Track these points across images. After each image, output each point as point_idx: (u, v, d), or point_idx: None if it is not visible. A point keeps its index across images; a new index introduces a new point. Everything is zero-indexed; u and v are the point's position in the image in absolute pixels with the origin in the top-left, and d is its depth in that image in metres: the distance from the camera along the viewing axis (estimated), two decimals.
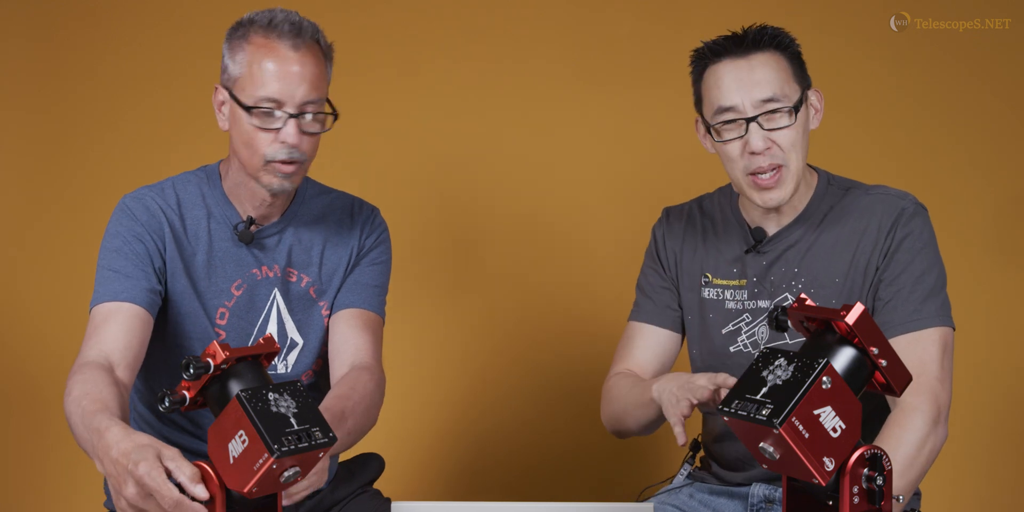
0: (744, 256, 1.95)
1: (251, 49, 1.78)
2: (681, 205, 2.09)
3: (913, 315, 1.81)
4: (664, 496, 2.05)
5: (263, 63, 1.77)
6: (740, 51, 1.84)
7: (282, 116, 1.77)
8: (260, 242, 1.92)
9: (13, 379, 2.89)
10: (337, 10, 2.87)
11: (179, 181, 1.93)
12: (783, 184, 1.85)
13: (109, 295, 1.79)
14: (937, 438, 1.77)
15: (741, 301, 1.94)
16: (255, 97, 1.77)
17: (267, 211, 1.91)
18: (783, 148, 1.83)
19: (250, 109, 1.77)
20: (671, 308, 2.05)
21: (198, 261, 1.88)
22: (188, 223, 1.89)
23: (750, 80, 1.83)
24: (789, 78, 1.85)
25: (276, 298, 1.92)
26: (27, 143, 2.93)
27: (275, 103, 1.77)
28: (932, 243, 1.86)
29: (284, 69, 1.76)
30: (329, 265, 1.96)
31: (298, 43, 1.77)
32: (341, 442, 1.72)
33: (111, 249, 1.84)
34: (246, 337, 1.90)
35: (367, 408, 1.81)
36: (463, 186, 2.93)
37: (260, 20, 1.80)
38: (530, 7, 2.90)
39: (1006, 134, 2.84)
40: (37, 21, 2.92)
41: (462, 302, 2.93)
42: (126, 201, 1.88)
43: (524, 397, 2.91)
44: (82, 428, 1.56)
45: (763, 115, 1.82)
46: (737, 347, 1.94)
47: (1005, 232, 2.83)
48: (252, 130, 1.79)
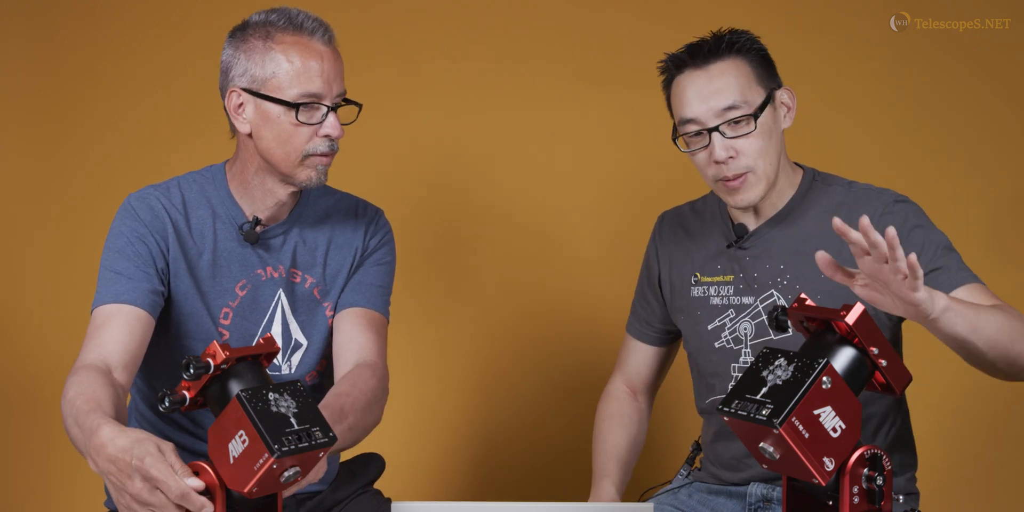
0: (727, 251, 1.96)
1: (282, 48, 1.80)
2: (676, 208, 2.12)
3: (967, 273, 1.77)
4: (663, 496, 2.05)
5: (304, 60, 1.80)
6: (699, 61, 1.86)
7: (322, 109, 1.81)
8: (265, 242, 1.92)
9: (14, 379, 2.89)
10: (337, 10, 2.86)
11: (184, 181, 1.93)
12: (751, 187, 1.86)
13: (110, 297, 1.79)
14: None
15: (727, 297, 1.96)
16: (298, 93, 1.80)
17: (278, 212, 1.92)
18: (747, 155, 1.84)
19: (297, 106, 1.80)
20: (650, 324, 2.12)
21: (203, 261, 1.88)
22: (193, 223, 1.89)
23: (709, 90, 1.85)
24: (751, 83, 1.86)
25: (280, 299, 1.92)
26: (27, 143, 2.93)
27: (316, 98, 1.81)
28: (927, 224, 1.84)
29: (323, 65, 1.81)
30: (333, 266, 1.96)
31: (328, 38, 1.84)
32: (342, 439, 1.71)
33: (114, 250, 1.84)
34: (250, 337, 1.90)
35: (368, 404, 1.80)
36: (463, 186, 2.93)
37: (278, 20, 1.82)
38: (530, 7, 2.90)
39: (1006, 134, 2.84)
40: (37, 21, 2.92)
41: (461, 301, 2.93)
42: (130, 200, 1.88)
43: (524, 397, 2.91)
44: (76, 428, 1.56)
45: (725, 124, 1.84)
46: (721, 343, 1.96)
47: (1005, 232, 2.83)
48: (291, 127, 1.81)
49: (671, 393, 2.59)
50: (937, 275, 1.78)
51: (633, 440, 2.10)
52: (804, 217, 1.91)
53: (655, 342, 2.13)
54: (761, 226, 1.94)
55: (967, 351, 1.57)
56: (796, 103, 1.92)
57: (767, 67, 1.90)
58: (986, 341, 1.55)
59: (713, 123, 1.84)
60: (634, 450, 2.09)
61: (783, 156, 1.92)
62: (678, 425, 2.78)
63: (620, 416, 2.11)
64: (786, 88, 1.92)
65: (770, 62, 1.91)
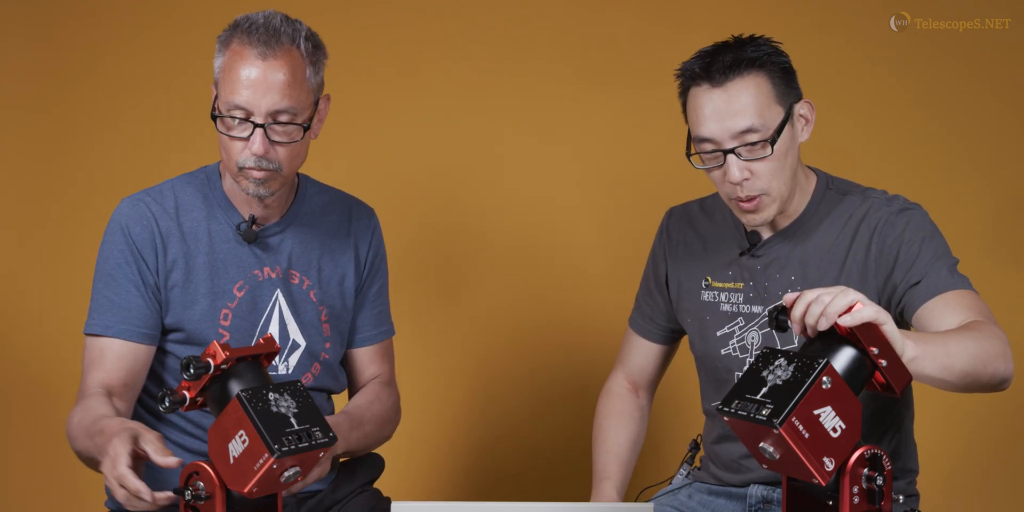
0: (739, 259, 1.95)
1: (228, 54, 1.78)
2: (685, 204, 2.09)
3: (948, 280, 1.76)
4: (663, 497, 2.05)
5: (232, 70, 1.76)
6: (718, 78, 1.79)
7: (249, 126, 1.76)
8: (263, 241, 1.91)
9: (14, 379, 2.89)
10: (337, 10, 2.87)
11: (178, 183, 1.92)
12: (764, 208, 1.83)
13: (102, 327, 1.83)
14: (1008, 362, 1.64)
15: (736, 304, 1.94)
16: (226, 104, 1.77)
17: (264, 212, 1.91)
18: (762, 177, 1.80)
19: (215, 118, 1.79)
20: (655, 321, 2.09)
21: (198, 263, 1.88)
22: (186, 226, 1.88)
23: (727, 111, 1.78)
24: (770, 103, 1.79)
25: (279, 299, 1.92)
26: (27, 143, 2.92)
27: (244, 112, 1.76)
28: (926, 234, 1.82)
29: (250, 78, 1.75)
30: (326, 272, 1.96)
31: (266, 52, 1.75)
32: (354, 444, 1.83)
33: (104, 272, 1.86)
34: (249, 338, 1.90)
35: (386, 421, 1.97)
36: (463, 186, 2.93)
37: (243, 23, 1.79)
38: (530, 7, 2.90)
39: (1006, 134, 2.84)
40: (37, 21, 2.92)
41: (461, 302, 2.93)
42: (121, 209, 1.88)
43: (524, 397, 2.91)
44: (88, 441, 1.63)
45: (742, 146, 1.79)
46: (728, 350, 1.94)
47: (1005, 232, 2.82)
48: (225, 137, 1.79)
49: (671, 392, 2.59)
50: (915, 289, 1.77)
51: (634, 438, 2.09)
52: (816, 228, 1.89)
53: (660, 340, 2.11)
54: (774, 235, 1.91)
55: (938, 384, 1.57)
56: (815, 115, 1.87)
57: (788, 80, 1.83)
58: (957, 374, 1.55)
59: (730, 145, 1.79)
60: (635, 449, 2.09)
61: (798, 166, 1.88)
62: (678, 424, 2.78)
63: (621, 414, 2.10)
64: (805, 100, 1.86)
65: (791, 73, 1.84)
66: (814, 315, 1.40)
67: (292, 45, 1.78)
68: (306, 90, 1.80)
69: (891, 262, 1.81)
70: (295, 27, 1.80)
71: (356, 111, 2.84)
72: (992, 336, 1.63)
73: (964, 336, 1.59)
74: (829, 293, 1.41)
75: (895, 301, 1.80)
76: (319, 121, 1.87)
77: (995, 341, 1.62)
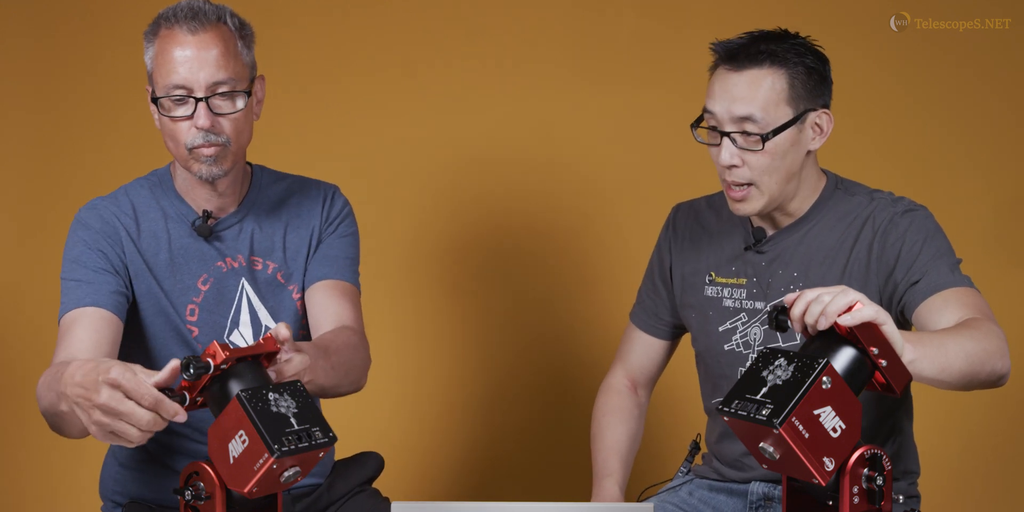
0: (743, 254, 1.95)
1: (158, 42, 1.82)
2: (692, 200, 2.09)
3: (948, 278, 1.77)
4: (664, 494, 2.05)
5: (165, 52, 1.79)
6: (739, 63, 1.80)
7: (191, 103, 1.79)
8: (219, 234, 1.93)
9: (14, 379, 2.89)
10: (337, 10, 2.87)
11: (131, 188, 1.95)
12: (751, 200, 1.84)
13: (72, 303, 1.81)
14: (1005, 359, 1.64)
15: (739, 300, 1.94)
16: (164, 87, 1.79)
17: (220, 202, 1.93)
18: (753, 169, 1.80)
19: (157, 100, 1.80)
20: (659, 316, 2.09)
21: (160, 261, 1.89)
22: (144, 226, 1.90)
23: (733, 93, 1.79)
24: (779, 101, 1.79)
25: (245, 288, 1.93)
26: (27, 143, 2.93)
27: (185, 89, 1.79)
28: (928, 234, 1.83)
29: (185, 55, 1.78)
30: (292, 248, 1.97)
31: (195, 27, 1.79)
32: (326, 377, 1.69)
33: (70, 260, 1.86)
34: (220, 330, 1.91)
35: (352, 349, 1.81)
36: (462, 186, 2.93)
37: (166, 12, 1.83)
38: (530, 7, 2.90)
39: (1006, 134, 2.84)
40: (37, 21, 2.92)
41: (460, 301, 2.93)
42: (80, 214, 1.91)
43: (524, 397, 2.91)
44: (51, 393, 1.55)
45: (738, 133, 1.80)
46: (731, 345, 1.95)
47: (1005, 232, 2.83)
48: (169, 122, 1.81)
49: (670, 391, 2.59)
50: (915, 287, 1.77)
51: (633, 435, 2.09)
52: (821, 226, 1.89)
53: (663, 335, 2.10)
54: (779, 231, 1.92)
55: (936, 384, 1.57)
56: (832, 127, 1.84)
57: (812, 85, 1.82)
58: (955, 375, 1.55)
59: (728, 127, 1.80)
60: (634, 446, 2.09)
61: (806, 170, 1.87)
62: (678, 423, 2.78)
63: (620, 411, 2.10)
64: (825, 111, 1.84)
65: (820, 80, 1.83)
66: (814, 314, 1.40)
67: (219, 22, 1.82)
68: (241, 63, 1.84)
69: (892, 261, 1.81)
70: (219, 7, 1.84)
71: (356, 111, 2.84)
72: (989, 334, 1.63)
73: (961, 336, 1.60)
74: (829, 292, 1.41)
75: (896, 300, 1.81)
76: (258, 102, 1.90)
77: (992, 339, 1.62)
